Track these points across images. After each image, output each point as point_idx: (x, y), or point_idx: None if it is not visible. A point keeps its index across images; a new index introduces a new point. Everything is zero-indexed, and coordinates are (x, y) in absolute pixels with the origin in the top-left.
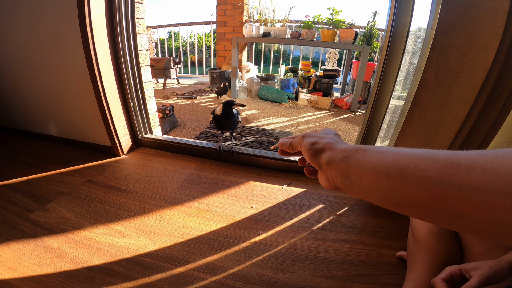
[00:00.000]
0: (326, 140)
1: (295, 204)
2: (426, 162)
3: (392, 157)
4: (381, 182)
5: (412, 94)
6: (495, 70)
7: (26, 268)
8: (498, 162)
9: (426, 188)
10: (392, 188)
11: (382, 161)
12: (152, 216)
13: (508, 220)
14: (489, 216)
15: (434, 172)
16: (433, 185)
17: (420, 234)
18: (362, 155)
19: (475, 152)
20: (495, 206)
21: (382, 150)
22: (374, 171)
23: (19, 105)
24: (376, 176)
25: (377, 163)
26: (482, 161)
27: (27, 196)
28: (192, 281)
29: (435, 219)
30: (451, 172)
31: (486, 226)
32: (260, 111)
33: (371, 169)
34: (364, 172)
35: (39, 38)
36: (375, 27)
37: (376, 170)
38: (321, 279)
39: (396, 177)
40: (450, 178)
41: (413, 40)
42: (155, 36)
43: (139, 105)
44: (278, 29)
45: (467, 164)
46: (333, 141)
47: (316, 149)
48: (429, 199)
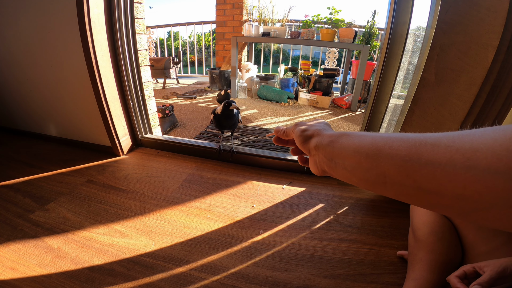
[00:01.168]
0: (315, 128)
1: (296, 204)
2: (398, 142)
3: (371, 139)
4: (361, 162)
5: (412, 93)
6: (495, 69)
7: (27, 269)
8: (459, 140)
9: (398, 165)
10: (370, 167)
11: (362, 143)
12: (153, 216)
13: (468, 192)
14: (452, 190)
15: (404, 150)
16: (404, 161)
17: (420, 233)
18: (346, 138)
19: (442, 133)
20: (456, 180)
21: (363, 134)
22: (355, 152)
23: (19, 106)
24: (357, 157)
25: (358, 145)
26: (446, 139)
27: (27, 196)
28: (193, 281)
29: (409, 196)
30: (419, 149)
31: (451, 200)
32: (260, 111)
33: (353, 150)
34: (347, 153)
35: (40, 38)
36: (375, 27)
37: (356, 151)
38: (321, 279)
39: (373, 156)
40: (418, 155)
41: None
42: (155, 36)
43: (138, 105)
44: (277, 28)
45: (433, 143)
46: (322, 128)
47: (306, 135)
48: (401, 175)
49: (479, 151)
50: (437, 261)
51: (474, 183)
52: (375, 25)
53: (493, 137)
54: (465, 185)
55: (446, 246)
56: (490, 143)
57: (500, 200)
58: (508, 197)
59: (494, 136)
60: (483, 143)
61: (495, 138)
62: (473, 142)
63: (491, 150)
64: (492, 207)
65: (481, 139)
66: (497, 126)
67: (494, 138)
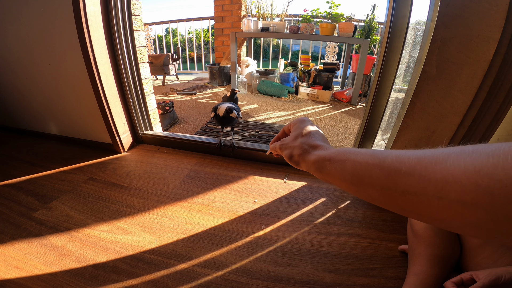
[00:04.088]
0: (297, 152)
1: (297, 198)
2: (376, 171)
3: (351, 167)
4: (348, 187)
5: (413, 86)
6: (496, 62)
7: (32, 267)
8: (431, 168)
9: (380, 192)
10: (357, 191)
11: (344, 172)
12: (155, 212)
13: (442, 216)
14: (428, 214)
15: (382, 180)
16: (384, 190)
17: (418, 228)
18: (329, 166)
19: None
20: (430, 207)
21: (343, 158)
22: (341, 180)
23: (20, 105)
24: (344, 183)
25: (341, 174)
26: (419, 167)
27: (30, 195)
28: (196, 277)
29: (396, 211)
30: (395, 179)
31: (430, 220)
32: (260, 106)
33: (338, 178)
34: (335, 180)
35: (39, 37)
36: (374, 21)
37: (342, 179)
38: (324, 273)
39: (357, 184)
40: (395, 185)
41: (413, 33)
42: (153, 33)
43: (138, 101)
44: (276, 23)
45: (407, 172)
46: (303, 150)
47: (294, 162)
48: (384, 199)
49: (448, 183)
50: (436, 255)
51: (446, 210)
52: (375, 19)
53: (463, 169)
54: (438, 211)
55: (444, 240)
56: (459, 175)
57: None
58: (478, 222)
59: (464, 167)
60: (453, 175)
61: (464, 170)
62: (444, 173)
63: (460, 184)
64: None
65: (451, 170)
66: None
67: (464, 170)
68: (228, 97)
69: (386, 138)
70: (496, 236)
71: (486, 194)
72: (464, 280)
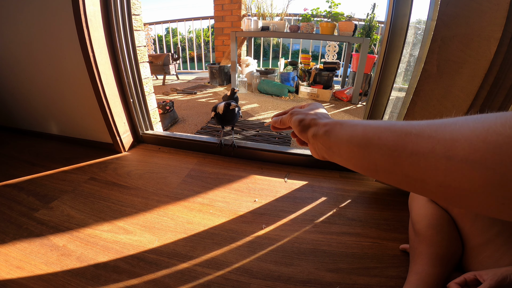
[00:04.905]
0: (311, 117)
1: (298, 197)
2: (386, 133)
3: (362, 129)
4: (354, 151)
5: (414, 85)
6: (497, 60)
7: (33, 267)
8: (441, 130)
9: (386, 154)
10: (362, 156)
11: (354, 134)
12: (155, 212)
13: (449, 181)
14: (434, 178)
15: (392, 141)
16: (391, 151)
17: (419, 227)
18: (339, 129)
19: (426, 122)
20: (437, 169)
21: (354, 123)
22: (348, 143)
23: (20, 105)
24: (350, 147)
25: (350, 136)
26: (429, 130)
27: (31, 195)
28: (197, 276)
29: (398, 182)
30: (405, 140)
31: (435, 188)
32: (261, 105)
33: (346, 141)
34: (341, 143)
35: (38, 37)
36: (375, 20)
37: (349, 142)
38: (325, 272)
39: (364, 147)
40: (404, 146)
41: (413, 31)
42: (153, 32)
43: (139, 101)
44: (276, 22)
45: (417, 133)
46: (317, 117)
47: (303, 126)
48: (389, 164)
49: (457, 141)
50: (438, 254)
51: (453, 173)
52: (375, 18)
53: (472, 128)
54: (446, 174)
55: (445, 239)
56: (468, 134)
57: (479, 188)
58: (485, 186)
59: (473, 127)
60: (462, 133)
61: (473, 129)
62: (453, 133)
63: (469, 141)
64: (473, 194)
65: (461, 130)
66: (479, 116)
67: (472, 129)
68: (228, 96)
69: None
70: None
71: (495, 150)
72: (468, 280)
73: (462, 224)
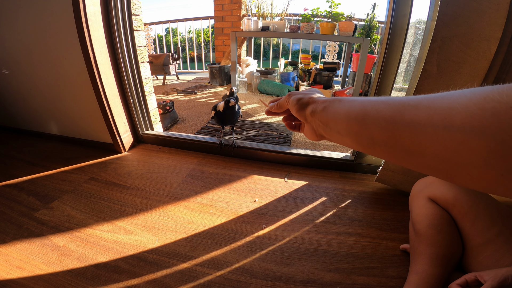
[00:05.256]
0: (309, 95)
1: (298, 197)
2: (383, 105)
3: (360, 104)
4: (351, 125)
5: (414, 85)
6: (498, 60)
7: (34, 267)
8: (438, 100)
9: (383, 127)
10: (359, 130)
11: (351, 108)
12: (156, 212)
13: (447, 152)
14: (432, 150)
15: (389, 113)
16: (388, 123)
17: (420, 227)
18: (338, 104)
19: (424, 95)
20: (435, 139)
21: (353, 99)
22: (346, 117)
23: (20, 105)
24: (347, 121)
25: (348, 110)
26: (426, 101)
27: (31, 195)
28: (197, 276)
29: (396, 157)
30: (402, 111)
31: (433, 161)
32: (261, 105)
33: (344, 115)
34: (339, 118)
35: (38, 37)
36: (375, 20)
37: (347, 116)
38: (325, 272)
39: (362, 120)
40: (401, 117)
41: (413, 31)
42: (153, 32)
43: (139, 101)
44: (276, 23)
45: (415, 104)
46: (316, 96)
47: (301, 103)
48: (386, 137)
49: (455, 110)
50: (438, 254)
51: (451, 142)
52: (375, 18)
53: (469, 97)
54: (443, 144)
55: (446, 239)
56: (465, 102)
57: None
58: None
59: (470, 95)
60: (459, 102)
61: (471, 97)
62: (451, 102)
63: (465, 109)
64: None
65: (458, 99)
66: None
67: (470, 97)
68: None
69: None
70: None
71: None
72: (469, 281)
73: (462, 224)
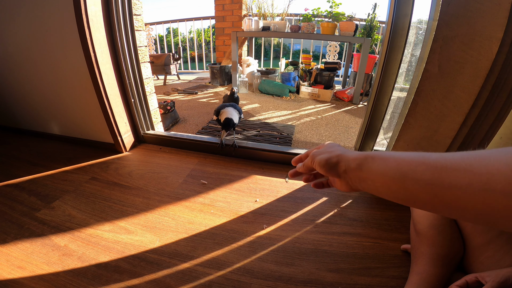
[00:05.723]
0: (337, 153)
1: (299, 198)
2: (422, 167)
3: (395, 163)
4: (389, 184)
5: (415, 85)
6: (499, 60)
7: (35, 267)
8: (476, 164)
9: (424, 188)
10: (399, 189)
11: (387, 167)
12: (157, 212)
13: (488, 209)
14: (473, 207)
15: (428, 175)
16: (428, 185)
17: (421, 227)
18: (371, 162)
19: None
20: (476, 200)
21: (385, 156)
22: (383, 176)
23: (21, 105)
24: (385, 179)
25: (383, 170)
26: (464, 164)
27: (32, 194)
28: (198, 276)
29: (438, 211)
30: (441, 174)
31: (474, 215)
32: (262, 105)
33: (380, 174)
34: (376, 177)
35: (38, 37)
36: (376, 20)
37: (384, 175)
38: (326, 272)
39: (400, 180)
40: (441, 180)
41: (414, 31)
42: (154, 32)
43: (140, 101)
44: (277, 22)
45: (453, 167)
46: (343, 152)
47: (331, 164)
48: (428, 196)
49: (494, 176)
50: (439, 255)
51: (492, 202)
52: (376, 18)
53: (506, 163)
54: (485, 203)
55: (447, 239)
56: (503, 169)
57: None
58: None
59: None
60: (497, 168)
61: (508, 163)
62: (488, 168)
63: (504, 176)
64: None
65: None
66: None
67: (507, 163)
68: (228, 96)
69: (388, 137)
70: None
71: None
72: (469, 282)
73: (463, 225)
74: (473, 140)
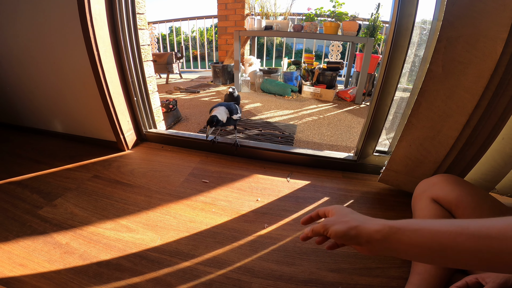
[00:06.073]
0: (353, 223)
1: (300, 197)
2: (461, 238)
3: (429, 235)
4: (425, 254)
5: (419, 86)
6: (503, 61)
7: (36, 265)
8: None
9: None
10: (436, 257)
11: (422, 239)
12: (158, 210)
13: None
14: None
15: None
16: (473, 252)
17: None
18: (400, 234)
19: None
20: None
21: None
22: (417, 247)
23: (24, 103)
24: (420, 250)
25: (418, 241)
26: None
27: (35, 192)
28: (199, 275)
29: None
30: (487, 243)
31: None
32: (264, 104)
33: (414, 246)
34: (409, 247)
35: (41, 36)
36: (379, 20)
37: (418, 246)
38: (327, 272)
39: (439, 251)
40: (487, 248)
41: (418, 32)
42: (157, 31)
43: (142, 100)
44: (280, 22)
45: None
46: (359, 222)
47: (350, 236)
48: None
49: None
50: None
51: None
52: (379, 18)
53: None
54: None
55: None
56: None
57: None
58: None
59: None
60: None
61: None
62: None
63: None
64: None
65: None
66: None
67: None
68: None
69: (391, 137)
70: None
71: None
72: (470, 283)
73: None
74: (476, 141)
